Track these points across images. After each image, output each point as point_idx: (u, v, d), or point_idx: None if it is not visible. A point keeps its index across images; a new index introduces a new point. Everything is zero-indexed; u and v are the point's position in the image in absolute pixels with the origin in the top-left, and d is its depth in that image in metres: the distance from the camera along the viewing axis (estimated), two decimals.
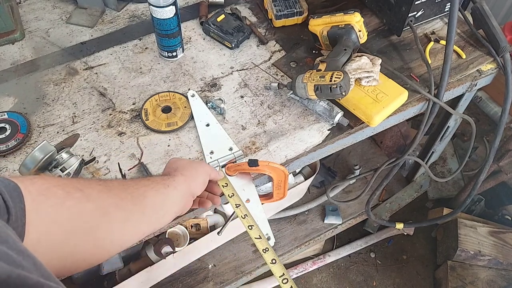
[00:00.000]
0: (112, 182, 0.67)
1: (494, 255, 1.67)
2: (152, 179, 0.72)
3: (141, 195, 0.66)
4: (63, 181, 0.61)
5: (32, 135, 1.02)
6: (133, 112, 1.08)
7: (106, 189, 0.63)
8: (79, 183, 0.61)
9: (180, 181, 0.74)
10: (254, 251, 1.57)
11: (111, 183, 0.66)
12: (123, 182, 0.68)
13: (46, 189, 0.55)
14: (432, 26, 1.28)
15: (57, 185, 0.57)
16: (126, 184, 0.67)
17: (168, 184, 0.71)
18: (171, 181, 0.72)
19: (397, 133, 1.72)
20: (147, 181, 0.70)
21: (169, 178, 0.73)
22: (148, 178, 0.73)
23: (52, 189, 0.56)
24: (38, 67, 1.15)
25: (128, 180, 0.72)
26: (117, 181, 0.69)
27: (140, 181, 0.70)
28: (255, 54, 1.21)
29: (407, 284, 1.85)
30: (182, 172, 0.76)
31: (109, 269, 1.32)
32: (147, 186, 0.68)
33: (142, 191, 0.67)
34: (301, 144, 1.03)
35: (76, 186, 0.59)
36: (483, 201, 1.88)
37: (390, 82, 1.08)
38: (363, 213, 1.68)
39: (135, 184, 0.68)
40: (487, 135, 2.05)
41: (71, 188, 0.58)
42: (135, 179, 0.72)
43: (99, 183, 0.64)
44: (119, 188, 0.65)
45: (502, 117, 1.23)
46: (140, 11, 1.31)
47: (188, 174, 0.76)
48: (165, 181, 0.72)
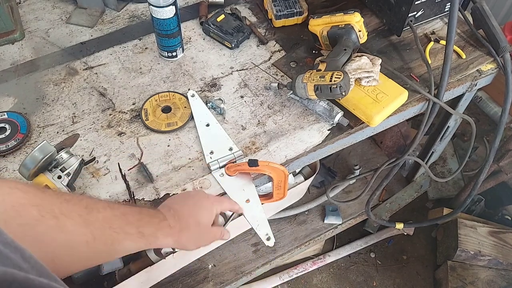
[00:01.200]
0: (98, 213, 0.62)
1: (494, 255, 1.67)
2: (143, 227, 0.66)
3: (117, 241, 0.62)
4: (43, 200, 0.56)
5: (32, 135, 1.02)
6: (133, 112, 1.08)
7: (85, 224, 0.59)
8: (60, 207, 0.57)
9: (168, 244, 0.70)
10: (254, 251, 1.57)
11: (96, 216, 0.61)
12: (109, 218, 0.63)
13: (21, 206, 0.52)
14: (432, 26, 1.28)
15: (35, 204, 0.54)
16: (110, 223, 0.63)
17: (151, 242, 0.67)
18: (159, 241, 0.68)
19: (397, 133, 1.71)
20: (134, 228, 0.65)
21: (159, 237, 0.68)
22: (142, 218, 0.67)
23: (28, 208, 0.53)
24: (38, 67, 1.15)
25: (118, 214, 0.64)
26: (105, 213, 0.62)
27: (128, 223, 0.65)
28: (255, 54, 1.21)
29: (407, 284, 1.85)
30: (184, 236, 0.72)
31: (109, 269, 1.32)
32: (128, 235, 0.64)
33: (122, 237, 0.63)
34: (301, 144, 1.03)
35: (54, 211, 0.56)
36: (483, 201, 1.88)
37: (390, 82, 1.08)
38: (363, 213, 1.68)
39: (120, 225, 0.63)
40: (487, 135, 2.05)
41: (48, 212, 0.55)
42: (128, 215, 0.66)
43: (81, 214, 0.59)
44: (99, 226, 0.61)
45: (502, 117, 1.23)
46: (140, 11, 1.31)
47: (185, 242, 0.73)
48: (153, 238, 0.67)
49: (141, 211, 0.69)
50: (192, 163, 0.99)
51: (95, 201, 0.64)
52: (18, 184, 0.55)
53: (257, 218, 0.94)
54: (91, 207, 0.62)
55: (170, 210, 0.75)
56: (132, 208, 0.69)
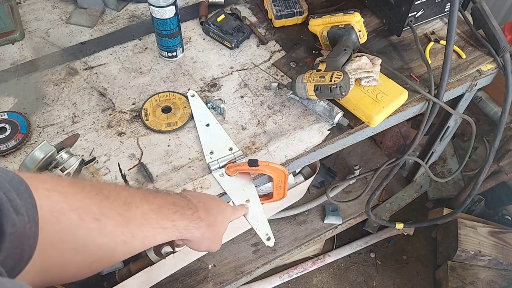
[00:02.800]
0: (136, 209, 0.60)
1: (494, 255, 1.67)
2: (177, 220, 0.66)
3: (153, 237, 0.62)
4: (83, 201, 0.54)
5: (32, 135, 1.02)
6: (133, 112, 1.08)
7: (124, 223, 0.58)
8: (100, 207, 0.55)
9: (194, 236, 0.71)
10: (254, 251, 1.57)
11: (134, 212, 0.60)
12: (146, 213, 0.62)
13: (61, 211, 0.50)
14: (432, 26, 1.28)
15: (75, 208, 0.51)
16: (148, 218, 0.62)
17: (182, 234, 0.68)
18: (189, 234, 0.69)
19: (397, 133, 1.71)
20: (169, 222, 0.65)
21: (190, 229, 0.69)
22: (176, 210, 0.67)
23: (67, 213, 0.50)
24: (38, 67, 1.15)
25: (155, 208, 0.64)
26: (143, 208, 0.61)
27: (164, 216, 0.64)
28: (255, 54, 1.21)
29: (407, 284, 1.85)
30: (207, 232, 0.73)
31: (109, 269, 1.32)
32: (165, 229, 0.64)
33: (158, 232, 0.63)
34: (301, 144, 1.03)
35: (95, 213, 0.54)
36: (483, 201, 1.88)
37: (390, 82, 1.08)
38: (363, 213, 1.68)
39: (157, 219, 0.63)
40: (487, 135, 2.05)
41: (88, 214, 0.53)
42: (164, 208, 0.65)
43: (120, 211, 0.58)
44: (138, 223, 0.60)
45: (502, 117, 1.23)
46: (140, 11, 1.31)
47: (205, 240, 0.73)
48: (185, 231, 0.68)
49: (175, 202, 0.68)
50: (192, 163, 0.99)
51: (132, 194, 0.62)
52: (55, 184, 0.52)
53: (257, 218, 0.94)
54: (129, 202, 0.60)
55: (200, 202, 0.74)
56: (166, 199, 0.68)
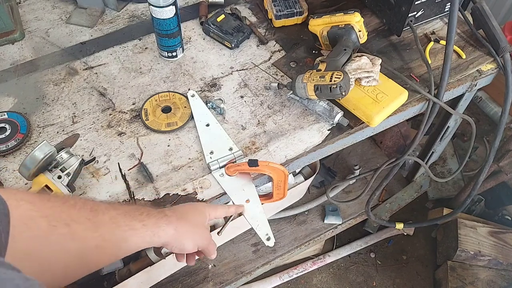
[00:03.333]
0: (103, 215, 0.62)
1: (494, 256, 1.67)
2: (146, 220, 0.68)
3: (125, 239, 0.64)
4: (51, 210, 0.56)
5: (32, 135, 1.02)
6: (133, 112, 1.08)
7: (94, 227, 0.60)
8: (69, 213, 0.57)
9: (169, 233, 0.71)
10: (254, 251, 1.57)
11: (102, 218, 0.62)
12: (114, 217, 0.64)
13: (30, 219, 0.52)
14: (432, 26, 1.28)
15: (44, 215, 0.53)
16: (116, 221, 0.63)
17: (155, 233, 0.68)
18: (161, 230, 0.69)
19: (397, 133, 1.71)
20: (138, 222, 0.66)
21: (161, 226, 0.70)
22: (142, 212, 0.69)
23: (37, 220, 0.52)
24: (37, 67, 1.15)
25: (121, 212, 0.66)
26: (109, 213, 0.63)
27: (132, 219, 0.66)
28: (255, 54, 1.21)
29: (407, 284, 1.85)
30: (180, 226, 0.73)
31: (109, 269, 1.32)
32: (135, 230, 0.65)
33: (129, 234, 0.64)
34: (301, 144, 1.03)
35: (64, 219, 0.56)
36: (483, 201, 1.88)
37: (390, 82, 1.08)
38: (363, 213, 1.68)
39: (125, 221, 0.65)
40: (487, 135, 2.05)
41: (58, 221, 0.55)
42: (130, 212, 0.67)
43: (89, 217, 0.60)
44: (107, 227, 0.62)
45: (502, 117, 1.23)
46: (140, 11, 1.31)
47: (182, 233, 0.73)
48: (156, 228, 0.69)
49: (139, 208, 0.71)
50: (192, 163, 0.99)
51: (97, 203, 0.65)
52: (24, 195, 0.55)
53: (257, 218, 0.94)
54: (96, 209, 0.62)
55: (163, 208, 0.77)
56: (130, 206, 0.71)
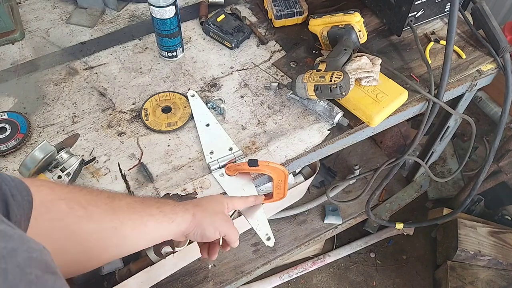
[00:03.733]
0: (120, 201, 0.64)
1: (494, 255, 1.67)
2: (162, 207, 0.69)
3: (143, 224, 0.65)
4: (69, 193, 0.58)
5: (32, 135, 1.02)
6: (133, 112, 1.08)
7: (111, 210, 0.61)
8: (86, 198, 0.59)
9: (187, 220, 0.71)
10: (254, 251, 1.57)
11: (119, 203, 0.64)
12: (130, 203, 0.66)
13: (50, 201, 0.54)
14: (432, 26, 1.28)
15: (62, 198, 0.55)
16: (132, 207, 0.65)
17: (173, 219, 0.69)
18: (179, 217, 0.70)
19: (397, 133, 1.72)
20: (155, 209, 0.68)
21: (178, 213, 0.71)
22: (158, 201, 0.71)
23: (56, 202, 0.54)
24: (38, 67, 1.15)
25: (137, 200, 0.68)
26: (126, 200, 0.66)
27: (148, 206, 0.68)
28: (255, 54, 1.21)
29: (407, 284, 1.85)
30: (198, 212, 0.73)
31: (109, 269, 1.32)
32: (152, 215, 0.66)
33: (146, 219, 0.65)
34: (301, 144, 1.03)
35: (81, 202, 0.57)
36: (483, 201, 1.88)
37: (390, 82, 1.08)
38: (363, 213, 1.68)
39: (142, 207, 0.66)
40: (487, 135, 2.05)
41: (76, 203, 0.57)
42: (146, 200, 0.69)
43: (106, 202, 0.62)
44: (124, 211, 0.63)
45: (502, 117, 1.23)
46: (140, 11, 1.31)
47: (201, 218, 0.73)
48: (173, 214, 0.70)
49: (155, 197, 0.73)
50: (192, 163, 0.99)
51: (113, 192, 0.67)
52: (43, 182, 0.57)
53: (257, 218, 0.94)
54: (112, 197, 0.64)
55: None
56: (146, 196, 0.73)
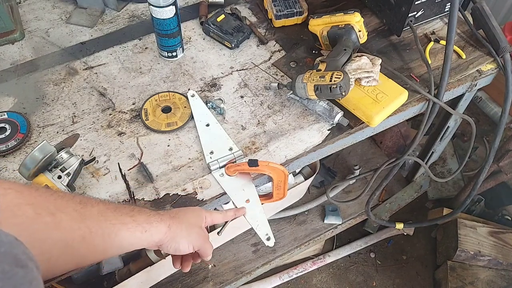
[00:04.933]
0: (92, 207, 0.62)
1: (494, 256, 1.67)
2: (136, 216, 0.67)
3: (113, 233, 0.63)
4: (38, 198, 0.57)
5: (32, 135, 1.02)
6: (133, 112, 1.08)
7: (81, 218, 0.59)
8: (55, 203, 0.57)
9: (162, 231, 0.70)
10: (254, 251, 1.57)
11: (90, 210, 0.62)
12: (103, 211, 0.64)
13: (17, 206, 0.52)
14: (432, 26, 1.28)
15: (30, 203, 0.54)
16: (104, 215, 0.63)
17: (147, 229, 0.68)
18: (153, 228, 0.69)
19: (397, 133, 1.72)
20: (128, 217, 0.66)
21: (152, 223, 0.69)
22: (133, 209, 0.69)
23: (23, 207, 0.53)
24: (37, 67, 1.15)
25: (111, 207, 0.66)
26: (98, 206, 0.63)
27: (122, 214, 0.66)
28: (255, 54, 1.21)
29: (407, 284, 1.85)
30: (174, 224, 0.72)
31: (109, 269, 1.32)
32: (124, 224, 0.65)
33: (117, 228, 0.63)
34: (301, 144, 1.03)
35: (50, 208, 0.56)
36: (483, 201, 1.88)
37: (390, 82, 1.08)
38: (363, 213, 1.68)
39: (115, 215, 0.64)
40: (487, 135, 2.05)
41: (43, 209, 0.55)
42: (120, 208, 0.67)
43: (77, 208, 0.60)
44: (95, 219, 0.61)
45: (502, 117, 1.23)
46: (140, 11, 1.31)
47: (176, 231, 0.72)
48: (147, 224, 0.68)
49: (131, 205, 0.71)
50: (192, 163, 0.99)
51: (87, 198, 0.65)
52: (12, 184, 0.55)
53: (257, 218, 0.94)
54: (85, 202, 0.62)
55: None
56: (122, 203, 0.71)
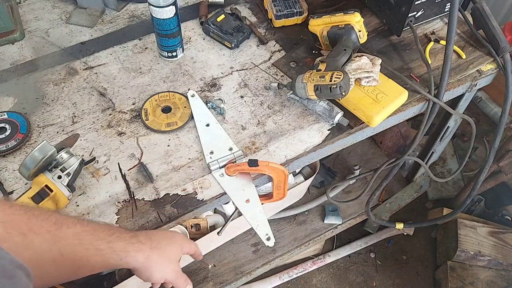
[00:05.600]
0: (68, 229, 0.60)
1: (494, 256, 1.67)
2: (114, 242, 0.65)
3: (86, 258, 0.61)
4: (11, 216, 0.55)
5: (32, 135, 1.02)
6: (133, 112, 1.08)
7: (53, 240, 0.58)
8: (28, 223, 0.56)
9: (138, 261, 0.68)
10: (254, 251, 1.57)
11: (65, 232, 0.60)
12: (79, 233, 0.62)
13: None
14: (432, 26, 1.28)
15: (2, 221, 0.53)
16: (80, 238, 0.61)
17: (122, 258, 0.65)
18: (130, 257, 0.66)
19: (397, 133, 1.71)
20: (105, 243, 0.63)
21: (130, 252, 0.67)
22: (113, 233, 0.66)
23: None
24: (37, 67, 1.15)
25: (89, 229, 0.63)
26: (75, 228, 0.61)
27: (98, 238, 0.63)
28: (255, 54, 1.21)
29: (407, 284, 1.85)
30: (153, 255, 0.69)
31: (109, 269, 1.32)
32: (99, 250, 0.63)
33: (91, 253, 0.62)
34: (301, 144, 1.03)
35: (22, 228, 0.55)
36: (483, 202, 1.88)
37: (390, 82, 1.08)
38: (363, 213, 1.68)
39: (91, 240, 0.62)
40: (487, 135, 2.05)
41: (15, 228, 0.54)
42: (98, 231, 0.65)
43: (50, 229, 0.58)
44: (69, 242, 0.60)
45: (502, 117, 1.23)
46: (140, 11, 1.31)
47: (153, 263, 0.70)
48: (123, 253, 0.66)
49: (111, 227, 0.68)
50: (192, 163, 0.99)
51: (65, 217, 0.63)
52: None
53: (257, 218, 0.94)
54: (61, 223, 0.61)
55: (141, 231, 0.74)
56: (102, 224, 0.68)
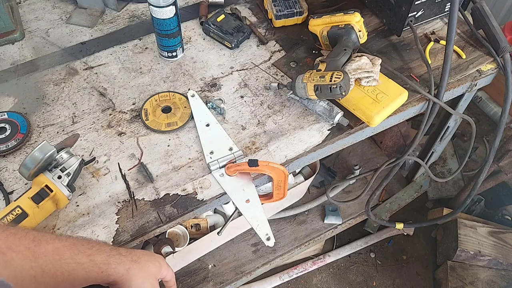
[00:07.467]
0: (47, 245, 0.60)
1: (494, 256, 1.67)
2: (95, 255, 0.65)
3: (67, 272, 0.61)
4: None
5: (32, 135, 1.02)
6: (133, 112, 1.08)
7: (33, 257, 0.57)
8: (7, 241, 0.56)
9: (119, 273, 0.67)
10: (254, 251, 1.57)
11: (45, 248, 0.59)
12: (58, 248, 0.61)
13: None
14: (432, 26, 1.28)
15: None
16: (59, 253, 0.61)
17: (103, 270, 0.65)
18: (111, 269, 0.66)
19: (397, 133, 1.71)
20: (85, 257, 0.63)
21: (111, 264, 0.66)
22: (93, 246, 0.66)
23: None
24: (38, 67, 1.15)
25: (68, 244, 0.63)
26: (54, 244, 0.61)
27: (79, 252, 0.63)
28: (255, 54, 1.21)
29: (407, 284, 1.85)
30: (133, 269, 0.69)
31: None
32: (80, 264, 0.62)
33: (72, 268, 0.61)
34: (301, 144, 1.03)
35: (0, 246, 0.54)
36: (483, 201, 1.88)
37: (390, 82, 1.08)
38: (363, 213, 1.68)
39: (71, 254, 0.62)
40: (487, 135, 2.05)
41: None
42: (78, 245, 0.64)
43: (29, 246, 0.58)
44: (49, 258, 0.59)
45: (502, 117, 1.23)
46: (140, 11, 1.31)
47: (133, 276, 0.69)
48: (104, 265, 0.65)
49: (90, 241, 0.68)
50: (192, 163, 0.99)
51: (43, 234, 0.62)
52: None
53: (257, 218, 0.95)
54: (39, 239, 0.60)
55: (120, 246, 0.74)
56: (81, 239, 0.68)
